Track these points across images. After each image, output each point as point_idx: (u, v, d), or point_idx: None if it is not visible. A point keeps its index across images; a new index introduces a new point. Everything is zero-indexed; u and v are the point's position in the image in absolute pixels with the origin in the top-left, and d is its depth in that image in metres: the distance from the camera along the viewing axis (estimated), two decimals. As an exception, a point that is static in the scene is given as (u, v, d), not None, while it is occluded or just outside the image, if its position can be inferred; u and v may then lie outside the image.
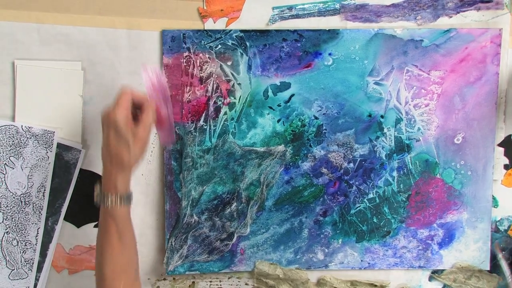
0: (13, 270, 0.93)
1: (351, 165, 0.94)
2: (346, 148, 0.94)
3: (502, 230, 0.98)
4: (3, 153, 0.90)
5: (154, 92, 0.83)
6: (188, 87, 0.91)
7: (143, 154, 0.80)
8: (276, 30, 0.91)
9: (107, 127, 0.77)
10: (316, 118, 0.93)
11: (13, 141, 0.90)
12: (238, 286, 0.98)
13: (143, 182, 0.94)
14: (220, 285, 0.98)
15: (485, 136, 0.94)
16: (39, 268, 0.94)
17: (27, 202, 0.92)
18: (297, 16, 0.91)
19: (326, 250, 0.97)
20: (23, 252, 0.93)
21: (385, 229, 0.96)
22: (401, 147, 0.94)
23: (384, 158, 0.94)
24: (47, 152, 0.91)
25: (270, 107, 0.92)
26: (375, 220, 0.96)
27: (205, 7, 0.90)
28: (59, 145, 0.91)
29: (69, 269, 0.95)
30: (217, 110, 0.92)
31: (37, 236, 0.93)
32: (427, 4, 0.91)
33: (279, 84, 0.92)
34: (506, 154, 0.96)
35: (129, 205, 0.79)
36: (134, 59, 0.91)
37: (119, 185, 0.77)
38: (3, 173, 0.91)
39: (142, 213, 0.94)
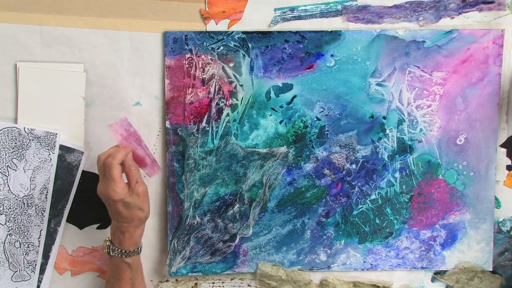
0: (15, 272, 0.93)
1: (354, 166, 0.94)
2: (349, 149, 0.94)
3: (505, 231, 0.98)
4: (6, 155, 0.90)
5: (126, 141, 0.85)
6: (190, 89, 0.91)
7: (149, 201, 0.86)
8: (278, 32, 0.91)
9: (113, 203, 0.82)
10: (318, 119, 0.93)
11: (15, 143, 0.90)
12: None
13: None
14: (223, 286, 0.98)
15: (487, 137, 0.94)
16: (42, 270, 0.94)
17: (29, 204, 0.92)
18: (299, 18, 0.91)
19: (329, 251, 0.97)
20: (25, 254, 0.93)
21: (388, 230, 0.96)
22: (404, 148, 0.94)
23: (387, 159, 0.94)
24: (49, 154, 0.91)
25: (272, 109, 0.92)
26: (377, 221, 0.96)
27: (207, 9, 0.90)
28: (62, 147, 0.91)
29: (72, 270, 0.95)
30: (219, 111, 0.92)
31: (39, 238, 0.93)
32: (429, 5, 0.91)
33: (281, 85, 0.92)
34: (508, 155, 0.96)
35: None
36: (136, 61, 0.91)
37: (138, 239, 0.85)
38: (5, 175, 0.91)
39: (144, 215, 0.94)
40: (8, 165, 0.91)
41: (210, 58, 0.90)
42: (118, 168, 0.80)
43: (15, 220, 0.92)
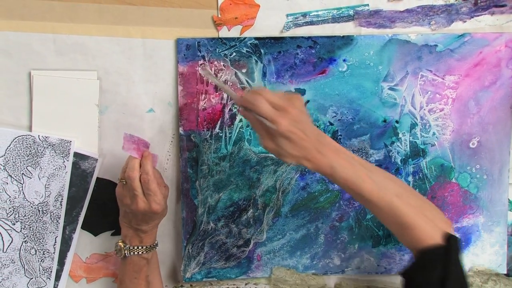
0: (31, 279, 0.94)
1: (367, 170, 0.94)
2: (362, 154, 0.94)
3: (518, 233, 0.99)
4: (21, 163, 0.91)
5: (138, 151, 0.85)
6: (203, 95, 0.91)
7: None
8: (291, 37, 0.91)
9: (153, 214, 0.84)
10: (331, 124, 0.93)
11: (30, 151, 0.91)
12: (255, 292, 0.98)
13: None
14: (237, 291, 0.98)
15: (500, 140, 0.94)
16: (57, 277, 0.94)
17: (44, 211, 0.92)
18: (311, 23, 0.92)
19: (343, 256, 0.97)
20: (41, 261, 0.93)
21: (401, 233, 0.96)
22: (416, 152, 0.94)
23: (400, 163, 0.94)
24: (64, 162, 0.92)
25: (285, 114, 0.92)
26: (391, 225, 0.96)
27: (219, 15, 0.90)
28: (76, 154, 0.92)
29: (87, 278, 0.96)
30: (233, 117, 0.92)
31: (55, 245, 0.93)
32: (441, 9, 0.92)
33: (294, 90, 0.92)
34: (521, 157, 0.96)
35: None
36: (149, 68, 0.91)
37: (156, 234, 0.89)
38: (20, 183, 0.91)
39: (159, 221, 0.95)
40: (23, 173, 0.91)
41: (223, 64, 0.91)
42: (138, 184, 0.82)
43: (30, 227, 0.92)
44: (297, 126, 0.71)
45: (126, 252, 0.86)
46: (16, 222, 0.92)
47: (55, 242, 0.93)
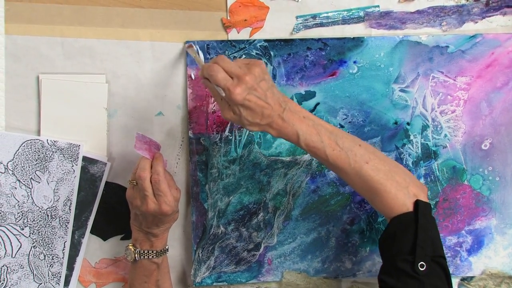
0: (40, 284, 0.93)
1: (378, 173, 0.94)
2: (372, 156, 0.93)
3: (531, 235, 0.98)
4: (29, 167, 0.90)
5: (149, 152, 0.84)
6: (213, 98, 0.91)
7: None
8: (300, 39, 0.90)
9: (163, 216, 0.82)
10: (341, 126, 0.92)
11: (38, 155, 0.90)
12: (265, 296, 0.98)
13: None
14: (248, 295, 0.98)
15: (513, 142, 0.94)
16: (67, 282, 0.93)
17: (53, 216, 0.92)
18: (321, 25, 0.91)
19: (354, 259, 0.96)
20: (50, 266, 0.93)
21: (413, 236, 0.96)
22: (428, 154, 0.94)
23: (411, 166, 0.94)
24: (72, 166, 0.91)
25: (296, 117, 0.91)
26: (402, 227, 0.95)
27: (228, 18, 0.90)
28: (85, 159, 0.91)
29: (97, 283, 0.95)
30: (242, 120, 0.91)
31: (63, 249, 0.93)
32: (452, 10, 0.91)
33: (304, 93, 0.91)
34: (534, 159, 0.96)
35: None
36: (158, 71, 0.90)
37: (167, 238, 0.88)
38: (29, 188, 0.91)
39: (168, 225, 0.94)
40: (31, 178, 0.91)
41: (233, 67, 0.90)
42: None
43: (39, 232, 0.92)
44: (254, 94, 0.71)
45: (136, 256, 0.85)
46: (25, 227, 0.91)
47: (64, 247, 0.92)
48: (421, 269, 0.71)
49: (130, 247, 0.86)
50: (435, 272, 0.73)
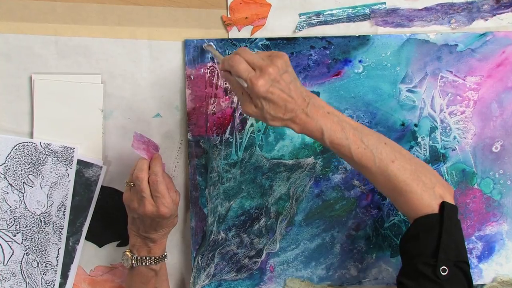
0: (33, 292, 0.91)
1: (384, 176, 0.91)
2: (379, 159, 0.91)
3: (543, 241, 0.95)
4: (22, 171, 0.88)
5: (147, 152, 0.83)
6: (213, 99, 0.89)
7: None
8: (304, 38, 0.88)
9: (161, 219, 0.80)
10: (346, 128, 0.90)
11: (31, 158, 0.88)
12: (268, 305, 0.95)
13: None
14: (249, 304, 0.95)
15: (525, 144, 0.91)
16: (61, 290, 0.92)
17: (47, 222, 0.90)
18: (325, 23, 0.88)
19: (360, 266, 0.94)
20: (43, 274, 0.91)
21: (421, 242, 0.93)
22: (437, 157, 0.91)
23: (419, 169, 0.91)
24: (67, 169, 0.89)
25: (299, 118, 0.89)
26: (410, 233, 0.93)
27: (229, 15, 0.88)
28: (79, 162, 0.89)
29: (92, 291, 0.93)
30: (243, 122, 0.89)
31: (57, 257, 0.91)
32: (461, 7, 0.88)
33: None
34: (546, 162, 0.93)
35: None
36: (156, 71, 0.88)
37: (165, 244, 0.86)
38: (22, 192, 0.89)
39: (167, 231, 0.92)
40: (24, 182, 0.89)
41: (233, 67, 0.88)
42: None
43: (32, 238, 0.90)
44: (278, 86, 0.68)
45: (133, 262, 0.83)
46: (17, 233, 0.89)
47: (58, 254, 0.91)
48: (443, 273, 0.69)
49: (127, 253, 0.84)
50: (457, 278, 0.70)
